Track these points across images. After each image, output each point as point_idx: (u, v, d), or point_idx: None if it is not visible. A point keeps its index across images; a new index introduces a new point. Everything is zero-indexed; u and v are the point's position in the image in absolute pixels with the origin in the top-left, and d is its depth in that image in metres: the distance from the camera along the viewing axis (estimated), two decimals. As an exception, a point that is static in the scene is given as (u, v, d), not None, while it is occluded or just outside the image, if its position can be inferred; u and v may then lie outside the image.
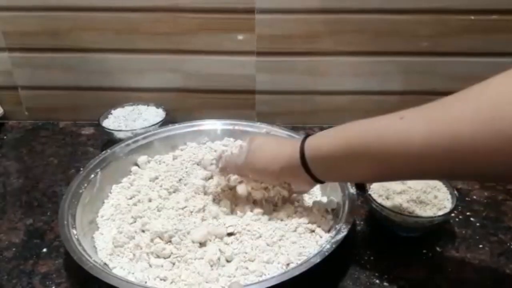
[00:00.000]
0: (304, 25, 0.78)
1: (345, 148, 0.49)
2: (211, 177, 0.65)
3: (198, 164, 0.69)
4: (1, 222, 0.64)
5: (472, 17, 0.76)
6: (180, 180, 0.66)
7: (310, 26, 0.78)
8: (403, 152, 0.44)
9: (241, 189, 0.59)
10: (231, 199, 0.61)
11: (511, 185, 0.69)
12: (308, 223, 0.59)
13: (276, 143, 0.57)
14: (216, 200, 0.62)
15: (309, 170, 0.52)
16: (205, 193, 0.63)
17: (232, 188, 0.62)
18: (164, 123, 0.78)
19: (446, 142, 0.41)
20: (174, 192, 0.64)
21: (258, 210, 0.59)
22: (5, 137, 0.86)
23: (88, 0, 0.78)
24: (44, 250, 0.60)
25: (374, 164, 0.47)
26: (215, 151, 0.70)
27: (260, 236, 0.56)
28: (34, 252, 0.59)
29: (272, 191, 0.61)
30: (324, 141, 0.51)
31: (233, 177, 0.60)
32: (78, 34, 0.81)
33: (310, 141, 0.53)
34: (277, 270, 0.52)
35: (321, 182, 0.55)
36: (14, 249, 0.60)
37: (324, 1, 0.76)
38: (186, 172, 0.68)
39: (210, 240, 0.55)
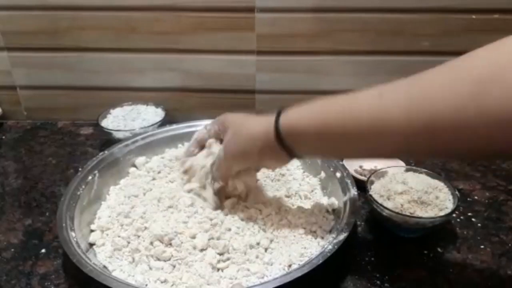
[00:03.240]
0: (304, 24, 0.78)
1: (321, 127, 0.47)
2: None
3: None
4: (-1, 223, 0.64)
5: (474, 16, 0.75)
6: (182, 179, 0.66)
7: (310, 25, 0.78)
8: (381, 131, 0.43)
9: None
10: (232, 200, 0.61)
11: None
12: (309, 224, 0.58)
13: (249, 122, 0.55)
14: (216, 202, 0.62)
15: (285, 146, 0.50)
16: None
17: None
18: (164, 122, 0.78)
19: (427, 118, 0.40)
20: (173, 193, 0.63)
21: (267, 211, 0.59)
22: (3, 137, 0.86)
23: (87, 0, 0.77)
24: (43, 251, 0.59)
25: (351, 143, 0.46)
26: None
27: (261, 237, 0.56)
28: (32, 253, 0.59)
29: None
30: (300, 119, 0.50)
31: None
32: (77, 34, 0.81)
33: (285, 117, 0.50)
34: (278, 272, 0.51)
35: (299, 157, 0.53)
36: (12, 249, 0.59)
37: (324, 0, 0.75)
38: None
39: (211, 246, 0.54)
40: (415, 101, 0.41)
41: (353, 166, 0.70)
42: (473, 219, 0.64)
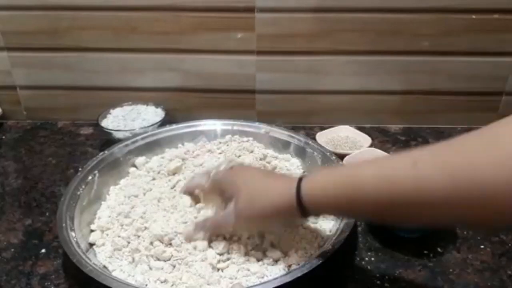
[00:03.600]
0: (304, 24, 0.78)
1: (349, 198, 0.45)
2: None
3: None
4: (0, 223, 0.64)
5: (474, 16, 0.75)
6: (178, 181, 0.66)
7: (310, 25, 0.78)
8: (419, 201, 0.40)
9: None
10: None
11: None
12: (309, 224, 0.58)
13: (267, 191, 0.51)
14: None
15: (307, 213, 0.48)
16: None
17: None
18: (163, 122, 0.78)
19: (466, 188, 0.37)
20: (173, 194, 0.63)
21: None
22: (3, 137, 0.85)
23: (87, 0, 0.77)
24: (43, 250, 0.59)
25: (382, 211, 0.44)
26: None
27: (261, 237, 0.56)
28: (33, 253, 0.59)
29: None
30: (325, 191, 0.47)
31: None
32: (77, 34, 0.81)
33: (308, 190, 0.47)
34: (278, 272, 0.51)
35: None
36: (12, 249, 0.60)
37: (324, 0, 0.75)
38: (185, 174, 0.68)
39: (211, 246, 0.54)
40: (457, 171, 0.39)
41: (353, 166, 0.70)
42: (473, 219, 0.64)
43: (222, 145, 0.74)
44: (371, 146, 0.77)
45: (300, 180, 0.48)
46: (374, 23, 0.77)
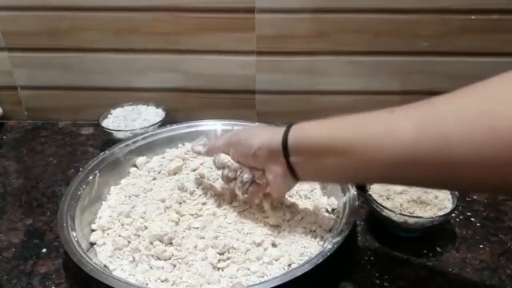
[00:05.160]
0: (304, 25, 0.78)
1: (330, 139, 0.48)
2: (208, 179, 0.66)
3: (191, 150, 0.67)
4: (0, 222, 0.64)
5: (473, 17, 0.76)
6: (178, 181, 0.66)
7: (310, 26, 0.78)
8: (391, 147, 0.42)
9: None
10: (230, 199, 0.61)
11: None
12: (309, 223, 0.59)
13: (263, 127, 0.58)
14: (216, 201, 0.62)
15: (288, 155, 0.51)
16: (205, 194, 0.63)
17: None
18: (164, 123, 0.78)
19: (435, 141, 0.39)
20: (172, 194, 0.64)
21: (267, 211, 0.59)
22: (4, 137, 0.86)
23: (88, 0, 0.78)
24: (44, 250, 0.59)
25: (355, 161, 0.46)
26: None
27: (261, 236, 0.56)
28: (33, 253, 0.59)
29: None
30: (310, 130, 0.50)
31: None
32: (78, 34, 0.81)
33: (296, 128, 0.51)
34: (278, 271, 0.52)
35: (295, 177, 0.53)
36: (13, 249, 0.60)
37: (324, 0, 0.76)
38: (186, 174, 0.68)
39: (211, 246, 0.55)
40: (424, 122, 0.40)
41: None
42: (472, 219, 0.64)
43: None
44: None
45: (291, 124, 0.52)
46: (374, 24, 0.77)
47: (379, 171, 0.45)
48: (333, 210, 0.62)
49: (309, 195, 0.65)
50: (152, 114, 0.82)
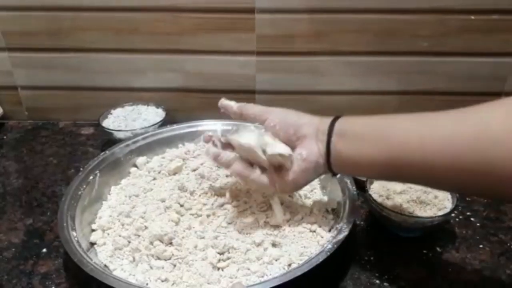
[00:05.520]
0: (304, 25, 0.78)
1: (378, 125, 0.48)
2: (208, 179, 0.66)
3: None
4: (1, 222, 0.64)
5: (472, 17, 0.76)
6: (178, 181, 0.66)
7: (310, 26, 0.78)
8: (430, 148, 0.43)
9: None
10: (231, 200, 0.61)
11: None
12: (309, 223, 0.59)
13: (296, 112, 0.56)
14: (216, 201, 0.62)
15: (331, 135, 0.50)
16: (205, 194, 0.64)
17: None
18: (164, 123, 0.78)
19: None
20: (172, 194, 0.64)
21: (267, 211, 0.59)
22: (5, 137, 0.86)
23: (88, 0, 0.78)
24: (44, 250, 0.60)
25: (396, 151, 0.46)
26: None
27: (261, 236, 0.56)
28: (34, 252, 0.59)
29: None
30: (360, 119, 0.50)
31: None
32: (78, 34, 0.81)
33: (345, 117, 0.51)
34: (278, 271, 0.52)
35: (328, 162, 0.51)
36: (13, 249, 0.60)
37: (324, 0, 0.76)
38: (186, 174, 0.68)
39: (211, 245, 0.55)
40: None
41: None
42: (472, 219, 0.64)
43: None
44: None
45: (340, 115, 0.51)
46: (373, 24, 0.77)
47: (417, 169, 0.45)
48: (333, 210, 0.62)
49: (309, 195, 0.65)
50: (152, 114, 0.82)
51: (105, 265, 0.54)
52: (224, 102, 0.60)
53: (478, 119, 0.41)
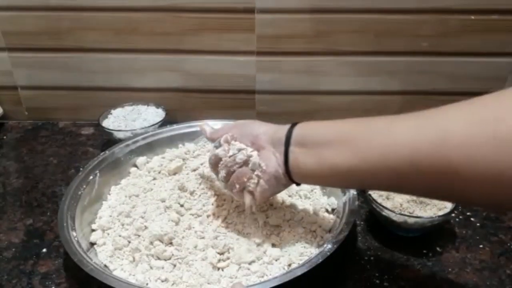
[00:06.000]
0: (304, 25, 0.78)
1: (336, 131, 0.47)
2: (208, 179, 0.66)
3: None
4: (1, 222, 0.64)
5: (473, 17, 0.76)
6: (178, 181, 0.66)
7: (310, 26, 0.78)
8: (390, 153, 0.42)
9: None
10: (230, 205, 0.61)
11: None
12: (309, 223, 0.59)
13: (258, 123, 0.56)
14: (216, 201, 0.62)
15: (288, 144, 0.49)
16: (205, 194, 0.64)
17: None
18: (164, 123, 0.78)
19: (434, 143, 0.38)
20: (172, 193, 0.64)
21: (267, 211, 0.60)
22: (5, 137, 0.86)
23: (88, 0, 0.78)
24: (44, 250, 0.60)
25: (355, 153, 0.44)
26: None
27: (261, 236, 0.56)
28: (34, 252, 0.59)
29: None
30: (316, 124, 0.49)
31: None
32: (78, 34, 0.81)
33: (302, 124, 0.50)
34: (278, 271, 0.52)
35: (287, 172, 0.50)
36: (14, 249, 0.60)
37: (324, 0, 0.76)
38: (186, 174, 0.68)
39: (211, 246, 0.55)
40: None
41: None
42: (472, 219, 0.64)
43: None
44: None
45: (297, 123, 0.51)
46: (373, 24, 0.77)
47: (381, 175, 0.43)
48: (333, 210, 0.62)
49: (309, 195, 0.65)
50: (152, 114, 0.82)
51: (105, 265, 0.54)
52: (203, 126, 0.63)
53: (440, 123, 0.39)
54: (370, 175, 0.44)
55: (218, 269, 0.53)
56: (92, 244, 0.58)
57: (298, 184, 0.52)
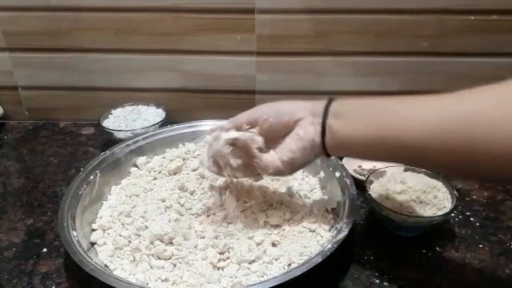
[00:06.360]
0: (304, 25, 0.78)
1: (375, 102, 0.50)
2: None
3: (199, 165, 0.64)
4: (1, 222, 0.65)
5: (472, 17, 0.76)
6: (178, 181, 0.66)
7: (310, 26, 0.78)
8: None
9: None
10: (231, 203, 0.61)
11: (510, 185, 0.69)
12: (308, 223, 0.59)
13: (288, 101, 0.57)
14: (216, 201, 0.62)
15: (326, 116, 0.51)
16: (205, 194, 0.64)
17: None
18: (164, 123, 0.79)
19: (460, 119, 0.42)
20: (173, 193, 0.64)
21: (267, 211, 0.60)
22: (5, 137, 0.86)
23: (88, 0, 0.78)
24: (44, 250, 0.60)
25: (393, 124, 0.47)
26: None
27: (261, 236, 0.56)
28: (34, 252, 0.59)
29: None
30: (354, 99, 0.52)
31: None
32: (78, 34, 0.81)
33: (340, 99, 0.52)
34: (278, 270, 0.52)
35: (323, 143, 0.52)
36: (14, 249, 0.60)
37: (324, 1, 0.76)
38: (186, 174, 0.69)
39: (212, 246, 0.55)
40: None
41: (352, 165, 0.71)
42: (471, 219, 0.64)
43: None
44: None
45: (329, 103, 0.52)
46: (373, 24, 0.77)
47: (408, 147, 0.45)
48: (333, 209, 0.62)
49: (309, 195, 0.65)
50: (152, 114, 0.82)
51: (106, 265, 0.54)
52: (214, 127, 0.61)
53: (470, 101, 0.42)
54: (398, 147, 0.46)
55: (218, 268, 0.53)
56: (93, 244, 0.58)
57: (328, 156, 0.54)
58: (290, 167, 0.55)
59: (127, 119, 0.81)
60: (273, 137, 0.56)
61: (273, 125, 0.55)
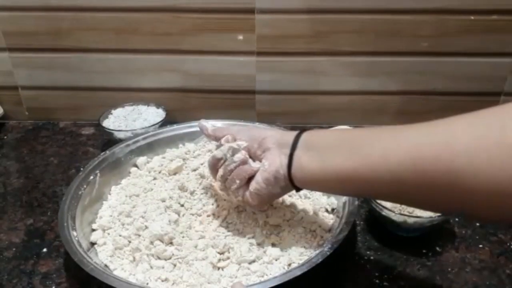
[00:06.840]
0: (304, 25, 0.78)
1: (344, 136, 0.49)
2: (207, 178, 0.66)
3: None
4: (1, 222, 0.65)
5: (472, 17, 0.76)
6: (178, 181, 0.66)
7: (310, 26, 0.78)
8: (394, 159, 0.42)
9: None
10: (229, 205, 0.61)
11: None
12: (308, 223, 0.59)
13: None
14: (216, 201, 0.62)
15: (294, 148, 0.50)
16: (205, 194, 0.64)
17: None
18: (164, 123, 0.79)
19: (437, 149, 0.39)
20: (173, 193, 0.64)
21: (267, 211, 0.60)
22: (5, 137, 0.86)
23: (88, 0, 0.78)
24: (44, 250, 0.60)
25: (364, 162, 0.44)
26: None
27: (261, 236, 0.56)
28: (34, 252, 0.59)
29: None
30: (324, 131, 0.52)
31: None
32: (78, 34, 0.81)
33: (311, 131, 0.51)
34: (278, 270, 0.52)
35: (289, 175, 0.50)
36: (14, 249, 0.60)
37: (324, 1, 0.76)
38: (186, 174, 0.69)
39: (212, 246, 0.55)
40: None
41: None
42: (471, 219, 0.64)
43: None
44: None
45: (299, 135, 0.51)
46: (373, 24, 0.77)
47: (383, 183, 0.43)
48: (332, 210, 0.62)
49: (309, 195, 0.65)
50: (152, 114, 0.82)
51: (106, 265, 0.54)
52: (202, 123, 0.61)
53: (445, 129, 0.39)
54: (371, 180, 0.44)
55: (218, 268, 0.53)
56: (93, 244, 0.58)
57: (297, 190, 0.52)
58: (257, 199, 0.53)
59: (127, 119, 0.81)
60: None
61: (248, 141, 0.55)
